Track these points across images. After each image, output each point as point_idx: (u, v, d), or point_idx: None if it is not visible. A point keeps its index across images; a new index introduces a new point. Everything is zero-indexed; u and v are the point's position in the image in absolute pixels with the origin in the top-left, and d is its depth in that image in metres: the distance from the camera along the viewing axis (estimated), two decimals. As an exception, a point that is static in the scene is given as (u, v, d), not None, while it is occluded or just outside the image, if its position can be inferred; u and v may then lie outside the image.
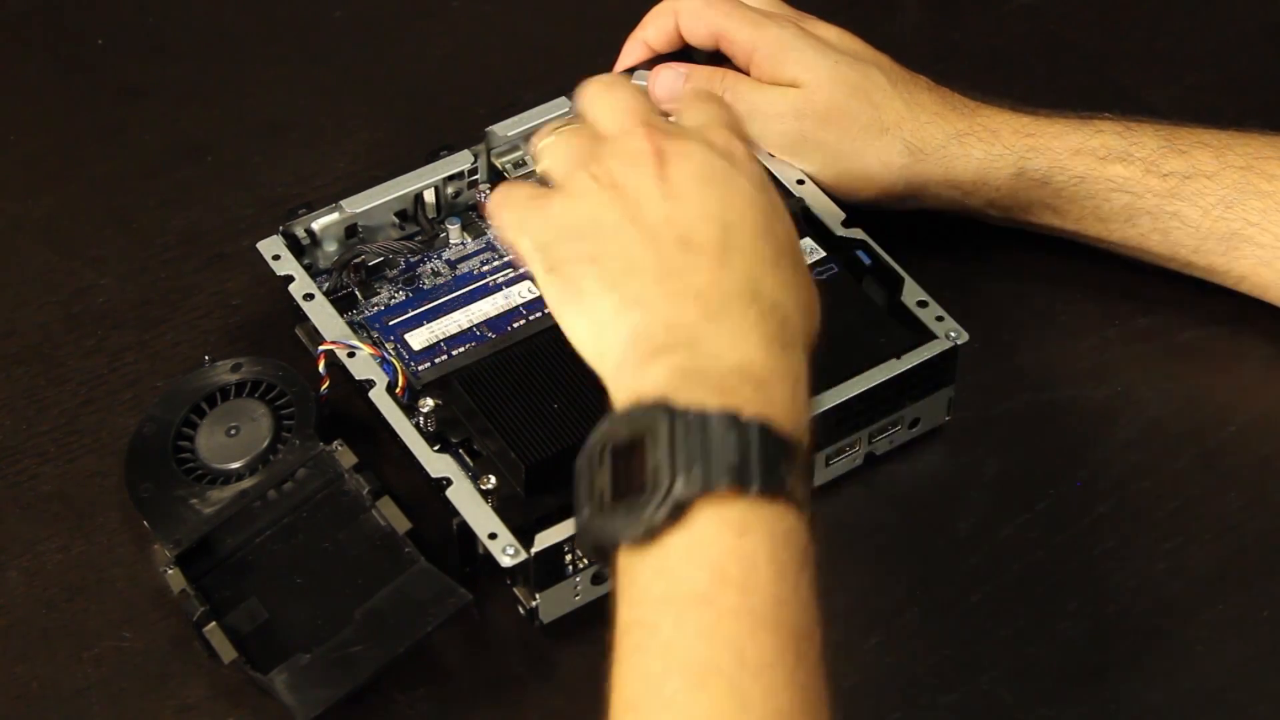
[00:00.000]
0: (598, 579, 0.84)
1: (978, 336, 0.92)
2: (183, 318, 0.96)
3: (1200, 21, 1.10)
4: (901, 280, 0.89)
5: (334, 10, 1.12)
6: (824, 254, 0.91)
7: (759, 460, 0.67)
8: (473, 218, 0.96)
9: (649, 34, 0.97)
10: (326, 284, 0.92)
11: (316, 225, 0.93)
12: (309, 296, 0.90)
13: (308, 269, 0.92)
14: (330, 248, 0.94)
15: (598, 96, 0.78)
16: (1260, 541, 0.87)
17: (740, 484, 0.67)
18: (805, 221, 0.92)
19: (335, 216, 0.93)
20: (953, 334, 0.88)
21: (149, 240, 1.00)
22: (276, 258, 0.92)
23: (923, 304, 0.89)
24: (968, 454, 0.90)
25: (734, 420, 0.68)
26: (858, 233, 0.91)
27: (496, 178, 0.97)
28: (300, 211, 0.93)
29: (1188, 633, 0.84)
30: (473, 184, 0.96)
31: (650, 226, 0.73)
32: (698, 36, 0.96)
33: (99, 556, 0.87)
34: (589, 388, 0.84)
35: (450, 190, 0.95)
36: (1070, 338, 0.95)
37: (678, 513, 0.67)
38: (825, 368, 0.86)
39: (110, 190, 1.02)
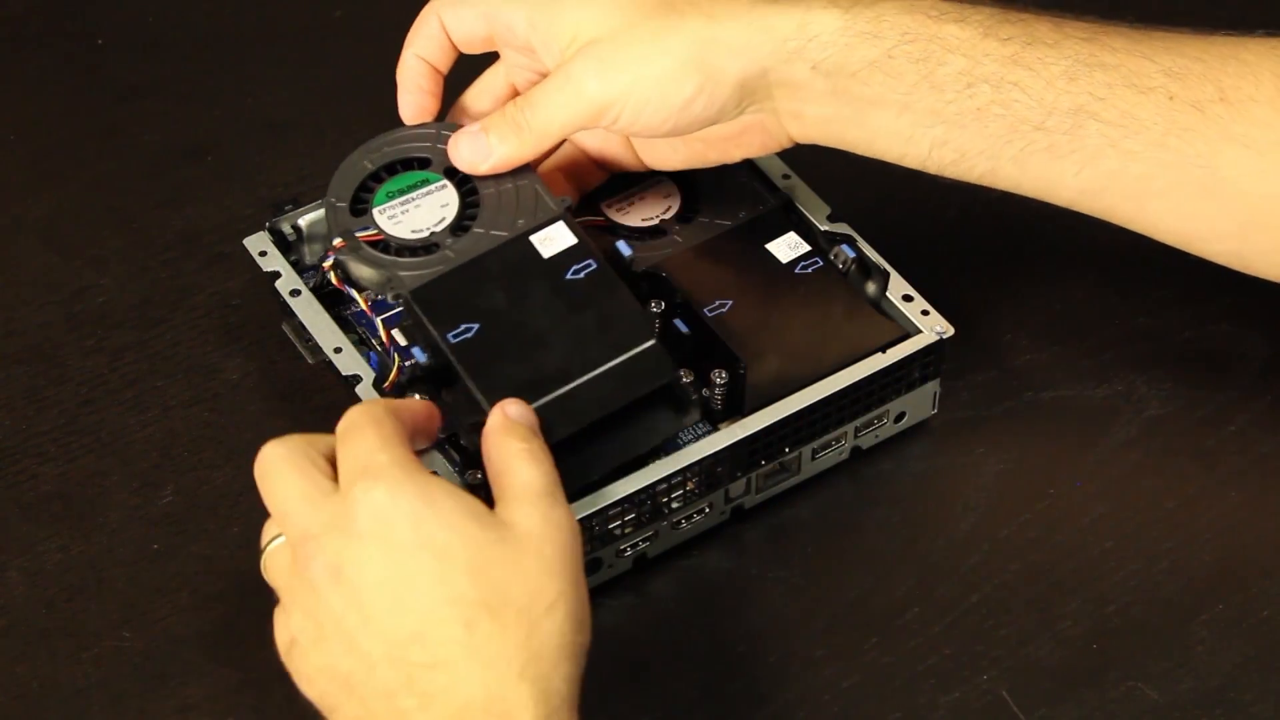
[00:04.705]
0: (588, 568, 0.84)
1: (978, 337, 0.92)
2: (183, 318, 0.96)
3: (1200, 22, 1.10)
4: (887, 275, 0.89)
5: (334, 10, 1.12)
6: (809, 248, 0.91)
7: None
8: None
9: (418, 48, 0.88)
10: (314, 280, 0.92)
11: (303, 221, 0.93)
12: (295, 292, 0.90)
13: (295, 265, 0.92)
14: (318, 244, 0.93)
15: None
16: (1260, 541, 0.87)
17: None
18: (790, 218, 0.92)
19: (322, 212, 0.93)
20: (938, 328, 0.88)
21: (149, 240, 1.00)
22: (263, 254, 0.91)
23: (908, 298, 0.89)
24: (967, 453, 0.90)
25: None
26: (843, 227, 0.91)
27: None
28: (287, 208, 0.93)
29: (1188, 633, 0.84)
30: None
31: None
32: (468, 32, 0.87)
33: (99, 556, 0.87)
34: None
35: None
36: (1070, 337, 0.95)
37: None
38: (811, 360, 0.86)
39: (110, 190, 1.02)
